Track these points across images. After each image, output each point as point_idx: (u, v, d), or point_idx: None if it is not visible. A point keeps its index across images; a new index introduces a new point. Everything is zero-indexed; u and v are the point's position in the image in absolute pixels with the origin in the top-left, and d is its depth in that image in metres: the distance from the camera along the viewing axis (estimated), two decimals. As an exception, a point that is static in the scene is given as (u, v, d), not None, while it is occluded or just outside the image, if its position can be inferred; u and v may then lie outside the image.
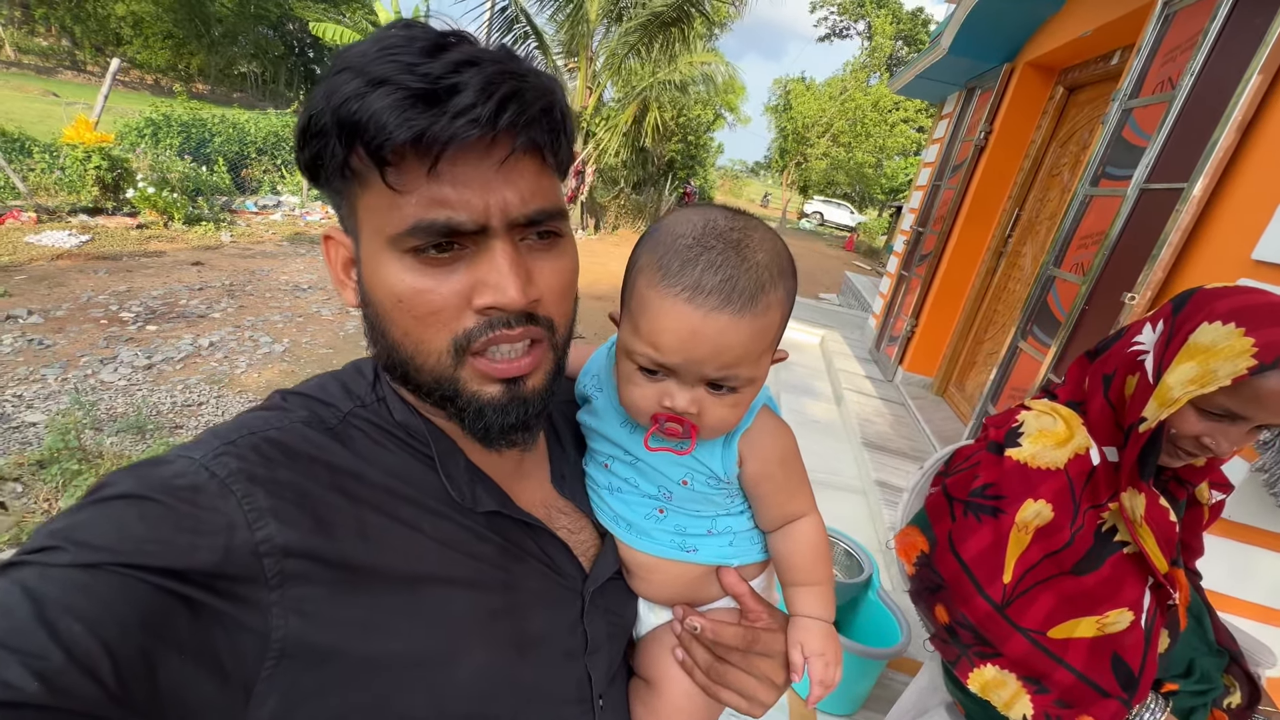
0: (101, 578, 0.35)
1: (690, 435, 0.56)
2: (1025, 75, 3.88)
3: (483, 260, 0.46)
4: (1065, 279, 2.68)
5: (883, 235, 21.56)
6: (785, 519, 0.65)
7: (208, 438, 0.45)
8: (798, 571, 0.65)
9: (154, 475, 0.41)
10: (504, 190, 0.45)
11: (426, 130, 0.41)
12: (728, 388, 0.55)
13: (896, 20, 27.57)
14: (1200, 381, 0.81)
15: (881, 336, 5.33)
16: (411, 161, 0.43)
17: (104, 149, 6.78)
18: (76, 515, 0.38)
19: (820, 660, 0.61)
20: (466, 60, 0.42)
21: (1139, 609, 0.94)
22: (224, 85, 28.82)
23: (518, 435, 0.53)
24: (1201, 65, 2.02)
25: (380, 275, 0.47)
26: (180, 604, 0.37)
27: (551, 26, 10.89)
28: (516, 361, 0.49)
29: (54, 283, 4.92)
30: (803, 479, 0.66)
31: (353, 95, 0.41)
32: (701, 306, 0.51)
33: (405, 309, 0.47)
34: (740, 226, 0.54)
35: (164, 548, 0.37)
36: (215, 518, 0.40)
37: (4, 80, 18.75)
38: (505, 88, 0.42)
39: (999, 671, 0.98)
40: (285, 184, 10.11)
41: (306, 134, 0.45)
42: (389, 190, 0.43)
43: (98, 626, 0.33)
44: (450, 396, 0.50)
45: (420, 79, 0.41)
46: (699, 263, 0.51)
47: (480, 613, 0.53)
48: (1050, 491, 0.94)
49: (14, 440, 2.93)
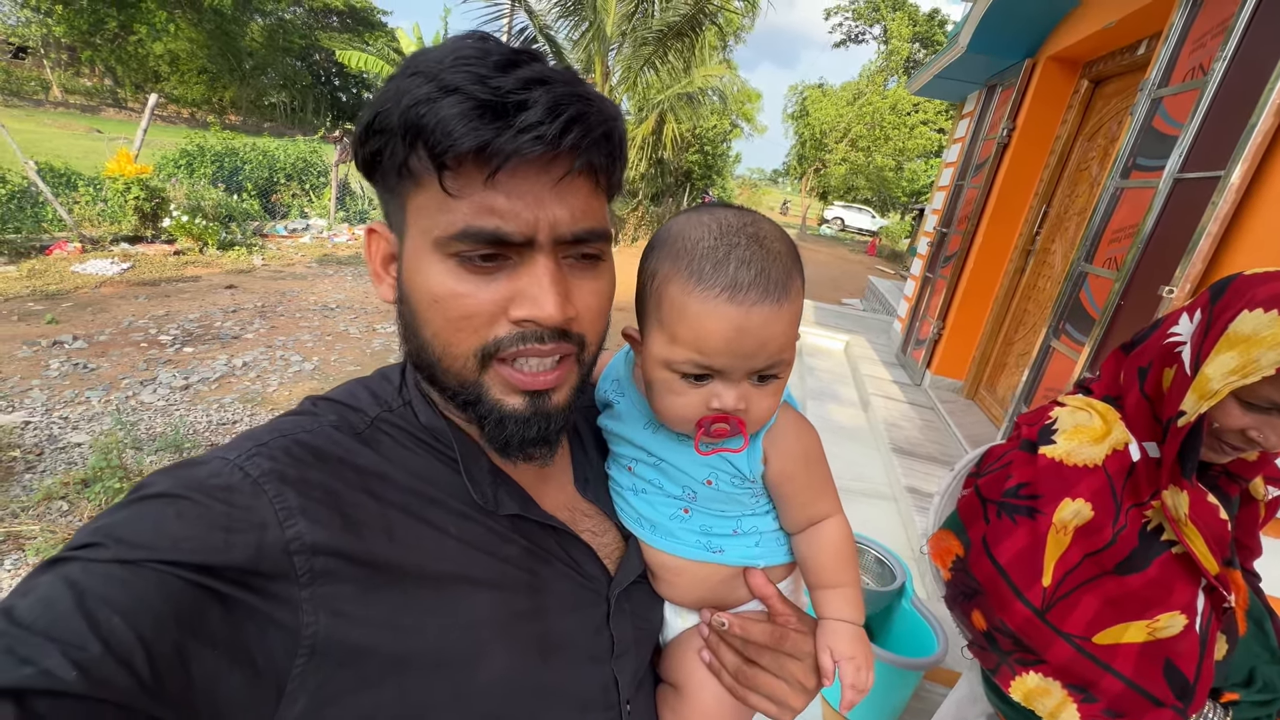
0: (140, 573, 0.36)
1: (741, 431, 0.56)
2: (1048, 70, 3.80)
3: (524, 273, 0.47)
4: (1098, 275, 2.61)
5: (905, 238, 21.26)
6: (810, 520, 0.64)
7: (242, 440, 0.47)
8: (824, 574, 0.64)
9: (190, 475, 0.42)
10: (556, 207, 0.46)
11: (491, 142, 0.42)
12: (771, 377, 0.56)
13: (913, 23, 27.38)
14: (1242, 372, 0.77)
15: (908, 340, 5.23)
16: (470, 169, 0.43)
17: (142, 180, 7.08)
18: (118, 514, 0.39)
19: (851, 664, 0.59)
20: (537, 78, 0.43)
21: (1192, 612, 0.89)
22: (255, 116, 29.95)
23: (536, 449, 0.53)
24: (1234, 50, 1.95)
25: (421, 274, 0.48)
26: (214, 599, 0.38)
27: (568, 44, 11.08)
28: (543, 375, 0.50)
29: (98, 309, 5.13)
30: (827, 479, 0.65)
31: (423, 99, 0.42)
32: (744, 303, 0.51)
33: (440, 310, 0.47)
34: (751, 220, 0.55)
35: (199, 545, 0.38)
36: (248, 516, 0.41)
37: (52, 119, 19.78)
38: (572, 110, 0.43)
39: (1042, 679, 0.94)
40: (313, 207, 10.41)
41: (370, 130, 0.46)
42: (444, 194, 0.44)
43: (134, 620, 0.34)
44: (473, 402, 0.51)
45: (491, 91, 0.42)
46: (730, 260, 0.52)
47: (504, 614, 0.53)
48: (1089, 490, 0.90)
49: (61, 460, 3.04)
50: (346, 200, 10.71)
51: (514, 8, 10.12)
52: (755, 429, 0.59)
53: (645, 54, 10.96)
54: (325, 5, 30.76)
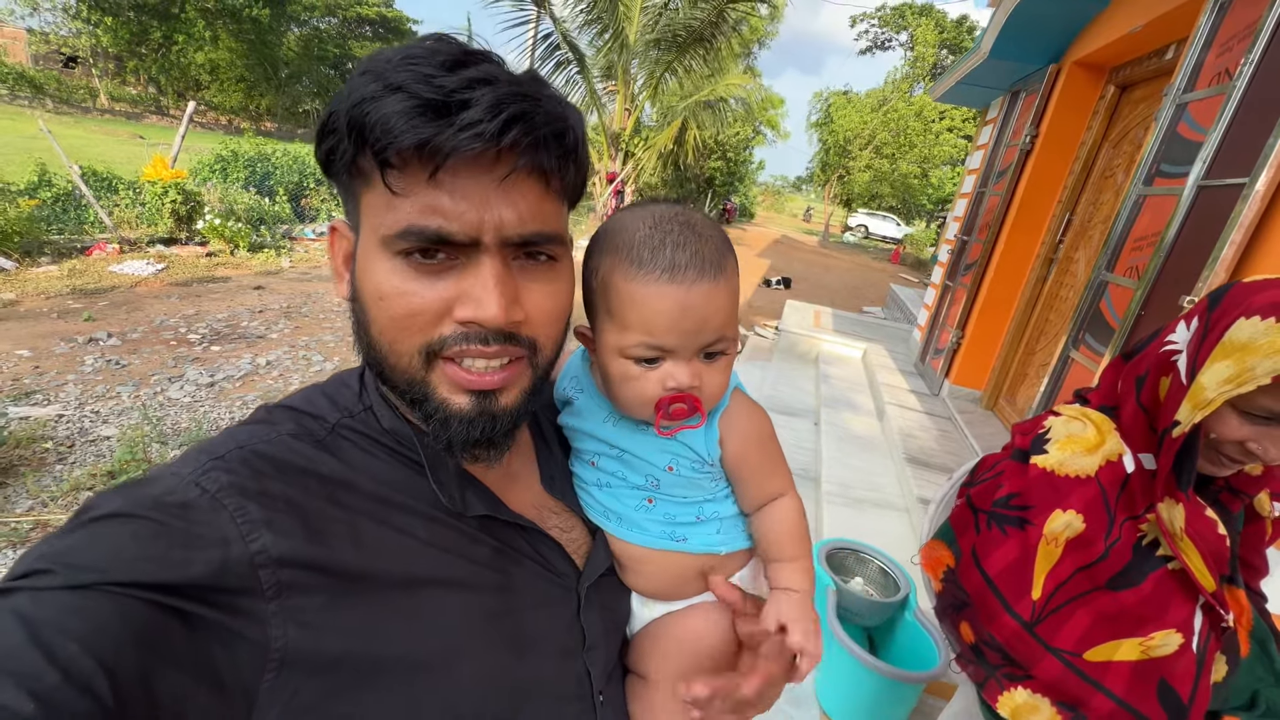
0: (94, 598, 0.35)
1: (697, 408, 0.59)
2: (1073, 75, 3.72)
3: (470, 274, 0.47)
4: (1119, 283, 2.54)
5: (931, 246, 20.92)
6: (765, 498, 0.67)
7: (194, 454, 0.46)
8: (778, 549, 0.66)
9: (143, 494, 0.41)
10: (502, 208, 0.46)
11: (431, 139, 0.42)
12: (718, 353, 0.59)
13: (940, 29, 27.01)
14: (1237, 381, 0.75)
15: (926, 349, 5.14)
16: (414, 167, 0.44)
17: (178, 184, 7.33)
18: (66, 538, 0.38)
19: (799, 627, 0.60)
20: (482, 78, 0.44)
21: (1188, 631, 0.86)
22: (290, 123, 30.79)
23: (481, 451, 0.52)
24: (1261, 54, 1.89)
25: (369, 272, 0.48)
26: (175, 618, 0.37)
27: (592, 50, 11.19)
28: (488, 376, 0.49)
29: (132, 308, 5.32)
30: (779, 458, 0.68)
31: (368, 97, 0.43)
32: (683, 281, 0.55)
33: (385, 307, 0.47)
34: (683, 211, 0.59)
35: (157, 564, 0.38)
36: (208, 532, 0.41)
37: (98, 125, 20.61)
38: (514, 108, 0.43)
39: (1031, 695, 0.91)
40: (340, 211, 10.64)
41: (324, 130, 0.47)
42: (388, 192, 0.44)
43: (92, 645, 0.33)
44: (420, 400, 0.51)
45: (434, 90, 0.42)
46: (665, 245, 0.55)
47: (476, 614, 0.53)
48: (1081, 501, 0.88)
49: (90, 453, 3.15)
50: (373, 204, 10.91)
51: (539, 15, 10.27)
52: (710, 405, 0.61)
53: (667, 61, 11.01)
54: (358, 15, 31.56)
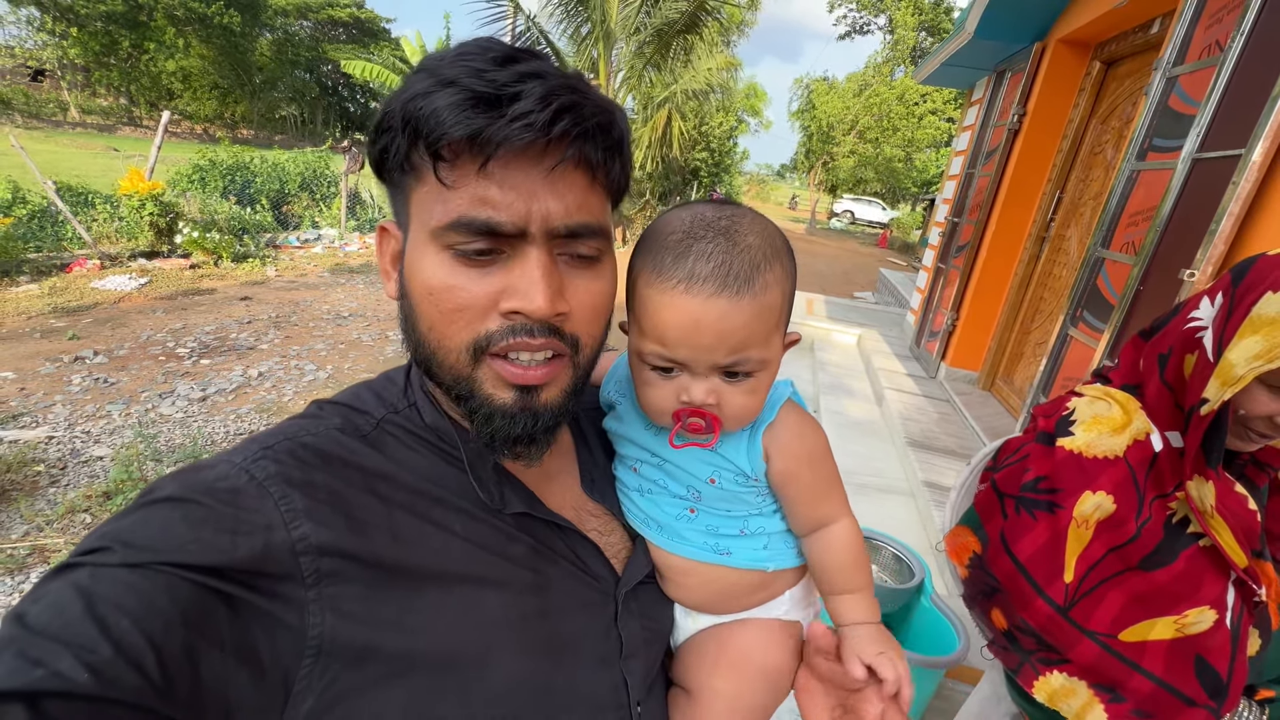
0: (147, 576, 0.36)
1: (713, 428, 0.56)
2: (1058, 53, 3.73)
3: (516, 265, 0.47)
4: (1115, 260, 2.55)
5: (917, 230, 21.03)
6: (817, 523, 0.63)
7: (248, 444, 0.47)
8: (836, 579, 0.63)
9: (197, 479, 0.43)
10: (548, 199, 0.46)
11: (482, 130, 0.42)
12: (742, 373, 0.55)
13: (918, 11, 27.05)
14: (1267, 356, 0.74)
15: (921, 332, 5.16)
16: (465, 159, 0.44)
17: (156, 196, 7.18)
18: (125, 519, 0.40)
19: (884, 659, 0.57)
20: (533, 73, 0.44)
21: (1222, 607, 0.86)
22: (267, 129, 30.38)
23: (522, 448, 0.53)
24: (1253, 23, 1.90)
25: (418, 267, 0.48)
26: (221, 601, 0.38)
27: (571, 46, 11.08)
28: (532, 370, 0.49)
29: (117, 324, 5.21)
30: (833, 481, 0.63)
31: (421, 92, 0.43)
32: (699, 294, 0.51)
33: (434, 302, 0.48)
34: (728, 215, 0.55)
35: (205, 547, 0.39)
36: (254, 518, 0.42)
37: (70, 139, 20.21)
38: (563, 99, 0.44)
39: (1067, 679, 0.91)
40: (324, 218, 10.51)
41: (379, 129, 0.47)
42: (439, 185, 0.45)
43: (143, 622, 0.34)
44: (465, 396, 0.51)
45: (486, 84, 0.43)
46: (690, 253, 0.52)
47: (512, 613, 0.52)
48: (1110, 482, 0.88)
49: (83, 474, 3.09)
50: (357, 209, 10.79)
51: (515, 11, 10.16)
52: (733, 427, 0.58)
53: (648, 53, 10.94)
54: (331, 18, 31.11)
